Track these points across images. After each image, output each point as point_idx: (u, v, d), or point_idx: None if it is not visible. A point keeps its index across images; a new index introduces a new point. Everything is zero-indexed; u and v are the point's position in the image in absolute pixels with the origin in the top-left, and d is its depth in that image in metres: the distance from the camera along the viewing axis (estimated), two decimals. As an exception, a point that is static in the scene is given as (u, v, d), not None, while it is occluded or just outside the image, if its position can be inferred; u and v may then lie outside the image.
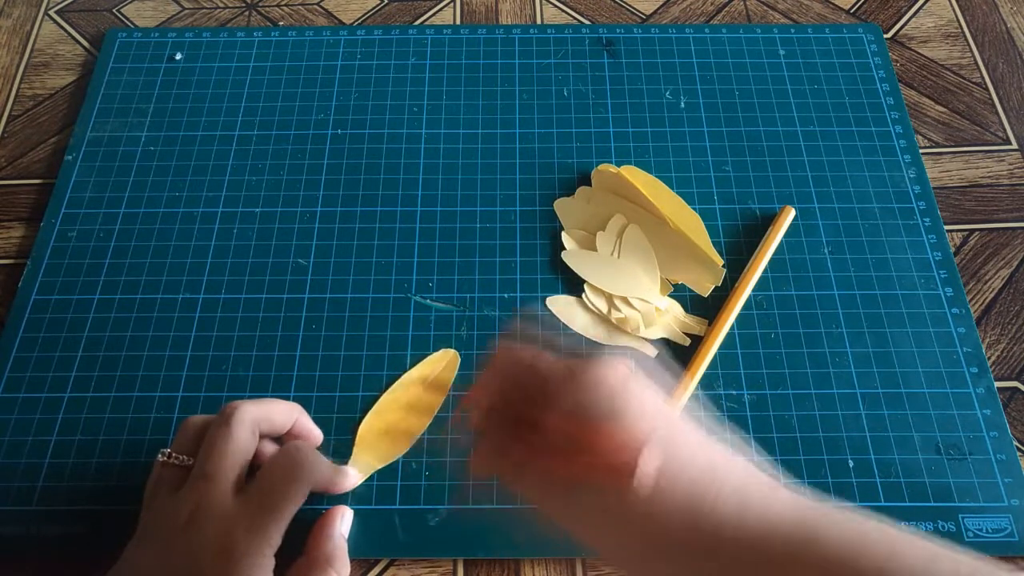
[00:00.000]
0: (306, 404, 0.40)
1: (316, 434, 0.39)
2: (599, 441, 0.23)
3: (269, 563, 0.32)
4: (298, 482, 0.34)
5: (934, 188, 0.49)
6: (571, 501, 0.25)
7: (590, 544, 0.26)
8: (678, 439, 0.24)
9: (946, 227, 0.47)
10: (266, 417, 0.36)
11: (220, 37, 0.55)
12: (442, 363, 0.42)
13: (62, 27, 0.57)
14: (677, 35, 0.55)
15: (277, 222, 0.47)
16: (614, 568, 0.37)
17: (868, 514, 0.23)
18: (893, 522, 0.23)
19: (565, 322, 0.44)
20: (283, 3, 0.58)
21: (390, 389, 0.41)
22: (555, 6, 0.58)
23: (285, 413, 0.37)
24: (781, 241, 0.46)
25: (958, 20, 0.57)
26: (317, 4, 0.58)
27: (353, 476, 0.38)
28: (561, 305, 0.44)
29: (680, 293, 0.45)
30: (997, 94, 0.53)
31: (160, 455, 0.35)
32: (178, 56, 0.54)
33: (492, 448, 0.28)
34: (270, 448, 0.37)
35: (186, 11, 0.58)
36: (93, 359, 0.43)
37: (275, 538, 0.33)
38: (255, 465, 0.35)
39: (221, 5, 0.58)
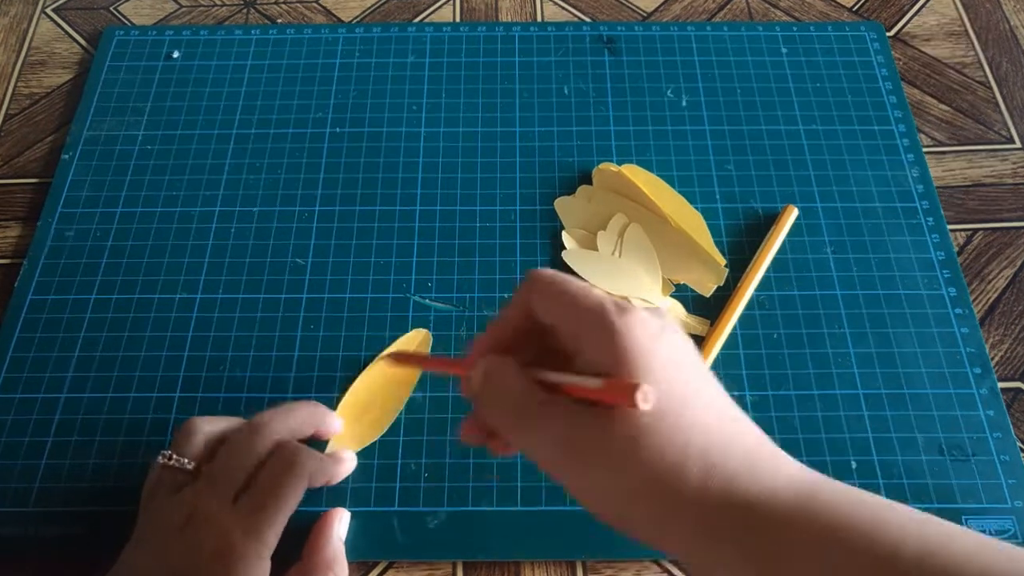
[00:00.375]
0: (304, 405, 0.39)
1: (336, 430, 0.39)
2: (624, 362, 0.24)
3: (265, 565, 0.32)
4: (292, 482, 0.34)
5: (937, 187, 0.48)
6: (577, 437, 0.24)
7: (591, 498, 0.25)
8: (700, 387, 0.25)
9: (949, 227, 0.47)
10: (293, 432, 0.36)
11: (218, 35, 0.55)
12: (415, 342, 0.42)
13: (59, 25, 0.57)
14: (679, 33, 0.54)
15: (275, 221, 0.47)
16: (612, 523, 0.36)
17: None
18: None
19: (565, 322, 0.43)
20: (281, 0, 0.58)
21: (364, 371, 0.41)
22: (556, 4, 0.57)
23: (308, 423, 0.37)
24: (784, 241, 0.46)
25: (961, 18, 0.57)
26: (315, 1, 0.58)
27: (349, 461, 0.38)
28: (561, 305, 0.44)
29: (682, 293, 0.44)
30: (1000, 93, 0.53)
31: (161, 456, 0.35)
32: (175, 54, 0.54)
33: (515, 369, 0.27)
34: None
35: (183, 9, 0.58)
36: (90, 359, 0.42)
37: (271, 540, 0.33)
38: None
39: (219, 3, 0.58)
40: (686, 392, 0.24)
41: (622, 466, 0.24)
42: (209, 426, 0.36)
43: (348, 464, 0.38)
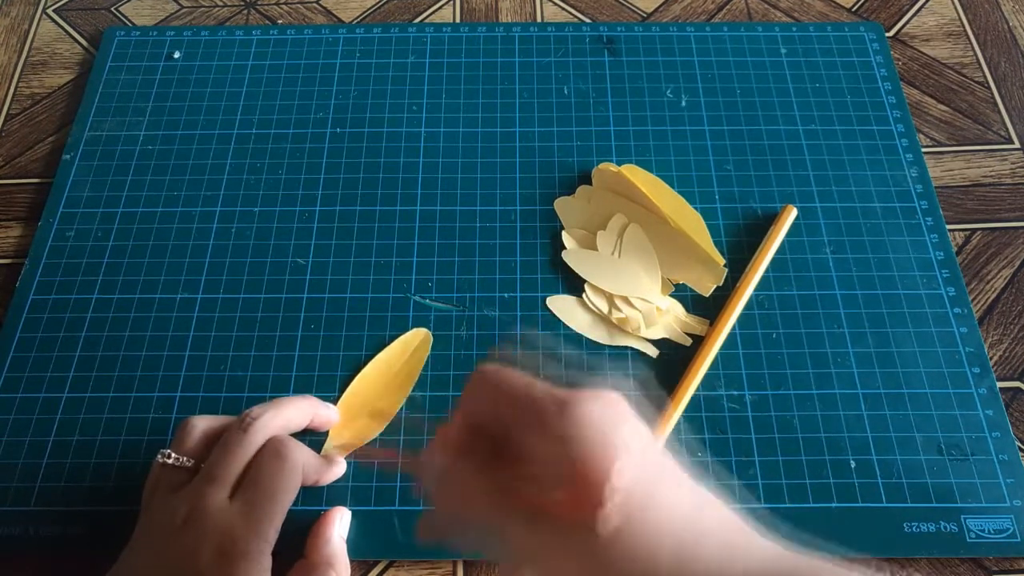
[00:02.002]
0: (305, 404, 0.39)
1: (333, 418, 0.39)
2: (577, 476, 0.22)
3: (266, 562, 0.32)
4: (283, 474, 0.34)
5: (936, 187, 0.48)
6: (540, 542, 0.24)
7: None
8: (661, 480, 0.24)
9: (948, 226, 0.47)
10: (285, 425, 0.36)
11: (218, 35, 0.55)
12: (415, 343, 0.43)
13: (60, 26, 0.57)
14: (678, 33, 0.55)
15: (275, 221, 0.47)
16: None
17: (850, 565, 0.23)
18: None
19: (565, 322, 0.43)
20: (282, 1, 0.58)
21: (364, 369, 0.42)
22: (555, 4, 0.57)
23: (301, 414, 0.37)
24: (783, 240, 0.46)
25: (960, 19, 0.57)
26: (316, 2, 0.58)
27: (339, 465, 0.38)
28: (561, 305, 0.44)
29: (681, 293, 0.44)
30: (999, 93, 0.53)
31: (159, 456, 0.35)
32: (176, 55, 0.54)
33: (463, 478, 0.26)
34: None
35: (184, 9, 0.58)
36: (91, 359, 0.42)
37: (271, 534, 0.33)
38: None
39: (220, 3, 0.58)
40: (648, 488, 0.23)
41: (588, 569, 0.23)
42: (207, 424, 0.36)
43: (338, 468, 0.38)
